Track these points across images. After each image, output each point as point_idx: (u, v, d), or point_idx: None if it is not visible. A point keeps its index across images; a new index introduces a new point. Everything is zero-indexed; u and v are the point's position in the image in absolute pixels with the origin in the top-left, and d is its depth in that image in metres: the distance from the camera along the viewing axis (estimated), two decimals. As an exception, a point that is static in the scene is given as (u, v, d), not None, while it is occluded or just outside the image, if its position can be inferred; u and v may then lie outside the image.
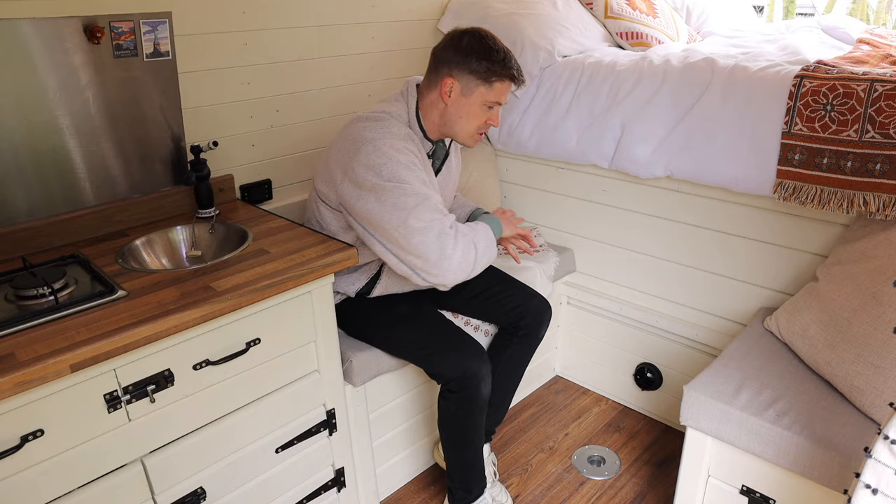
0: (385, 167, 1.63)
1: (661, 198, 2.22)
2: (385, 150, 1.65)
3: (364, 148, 1.66)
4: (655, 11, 2.67)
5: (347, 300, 1.92)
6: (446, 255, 1.59)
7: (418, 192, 1.62)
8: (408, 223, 1.58)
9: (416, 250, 1.59)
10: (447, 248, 1.59)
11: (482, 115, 1.77)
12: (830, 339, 1.66)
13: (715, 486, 1.73)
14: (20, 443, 1.22)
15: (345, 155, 1.70)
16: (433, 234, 1.58)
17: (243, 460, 1.63)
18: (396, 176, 1.62)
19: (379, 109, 1.78)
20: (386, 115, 1.75)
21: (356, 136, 1.70)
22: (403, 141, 1.70)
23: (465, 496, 1.94)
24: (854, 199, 1.70)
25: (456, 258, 1.60)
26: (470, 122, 1.77)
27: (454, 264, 1.61)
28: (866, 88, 1.65)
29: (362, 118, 1.75)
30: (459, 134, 1.80)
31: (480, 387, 1.76)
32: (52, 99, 1.63)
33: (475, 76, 1.71)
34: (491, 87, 1.72)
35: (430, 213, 1.60)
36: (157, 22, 1.73)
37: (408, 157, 1.68)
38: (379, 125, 1.71)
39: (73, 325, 1.31)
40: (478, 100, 1.73)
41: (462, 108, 1.75)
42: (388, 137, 1.68)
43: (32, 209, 1.69)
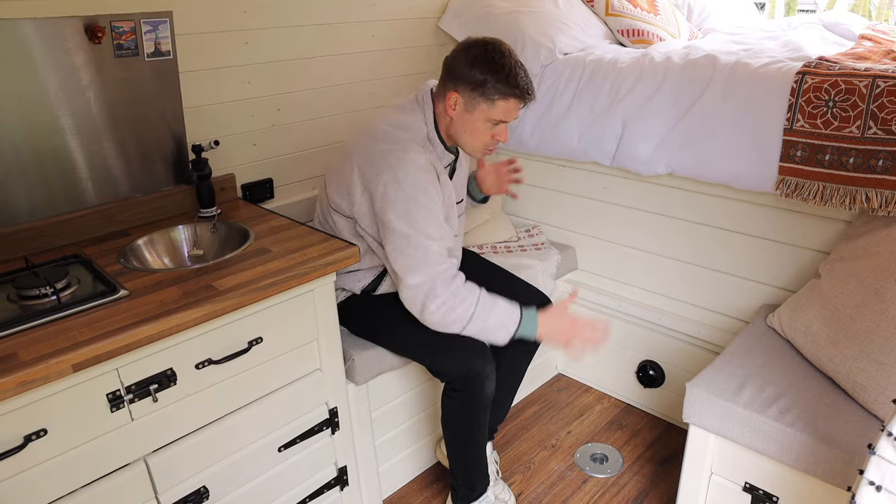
0: (400, 204, 1.63)
1: (663, 195, 2.22)
2: (405, 187, 1.63)
3: (383, 176, 1.64)
4: (657, 8, 2.67)
5: (351, 297, 1.92)
6: (430, 310, 1.66)
7: (422, 244, 1.63)
8: (403, 276, 1.67)
9: (404, 297, 1.70)
10: (432, 303, 1.65)
11: (486, 132, 1.71)
12: (833, 335, 1.65)
13: (718, 483, 1.73)
14: (23, 442, 1.23)
15: (364, 176, 1.69)
16: (424, 289, 1.65)
17: (246, 459, 1.63)
18: (409, 219, 1.63)
19: (397, 124, 1.73)
20: (404, 131, 1.71)
21: (376, 157, 1.67)
22: (424, 171, 1.66)
23: (469, 494, 1.94)
24: (856, 195, 1.70)
25: (439, 313, 1.66)
26: (475, 139, 1.73)
27: (434, 323, 1.68)
28: (868, 84, 1.65)
29: (381, 136, 1.70)
30: (466, 147, 1.77)
31: (484, 385, 1.76)
32: (53, 99, 1.64)
33: (478, 92, 1.64)
34: (493, 105, 1.65)
35: (428, 270, 1.64)
36: (157, 21, 1.73)
37: (427, 197, 1.65)
38: (398, 149, 1.66)
39: (76, 324, 1.32)
40: (480, 116, 1.68)
41: (465, 123, 1.70)
42: (407, 168, 1.64)
43: (34, 209, 1.69)
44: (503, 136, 1.74)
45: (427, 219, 1.65)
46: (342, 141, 2.41)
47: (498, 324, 1.69)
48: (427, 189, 1.66)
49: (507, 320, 1.69)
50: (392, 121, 1.74)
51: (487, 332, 1.70)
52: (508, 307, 1.71)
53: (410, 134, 1.71)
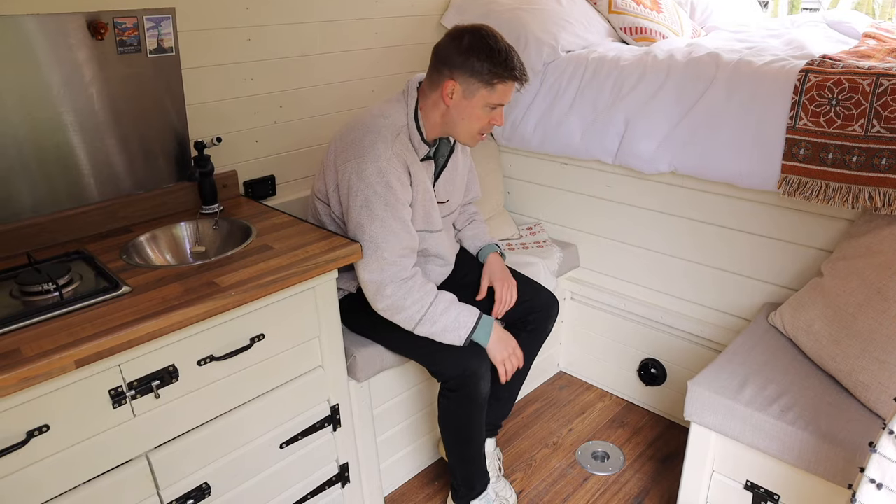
0: (360, 193, 1.67)
1: (666, 193, 2.21)
2: (366, 174, 1.66)
3: (350, 164, 1.69)
4: (659, 6, 2.66)
5: (349, 296, 1.92)
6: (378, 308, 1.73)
7: (374, 240, 1.67)
8: (357, 268, 1.72)
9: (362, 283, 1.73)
10: (379, 303, 1.71)
11: (484, 117, 1.72)
12: (835, 334, 1.65)
13: (719, 481, 1.73)
14: (26, 438, 1.23)
15: (337, 158, 1.74)
16: (372, 288, 1.71)
17: (248, 456, 1.63)
18: (368, 210, 1.67)
19: (378, 112, 1.75)
20: (384, 119, 1.73)
21: (348, 145, 1.71)
22: (388, 162, 1.68)
23: (468, 493, 1.95)
24: (859, 193, 1.69)
25: (387, 312, 1.72)
26: (472, 124, 1.74)
27: (385, 314, 1.73)
28: (872, 83, 1.65)
29: (360, 124, 1.73)
30: (461, 135, 1.78)
31: (479, 385, 1.76)
32: (56, 95, 1.64)
33: (477, 78, 1.66)
34: (493, 90, 1.67)
35: (379, 268, 1.68)
36: (160, 18, 1.73)
37: (385, 187, 1.67)
38: (368, 138, 1.69)
39: (78, 320, 1.32)
40: (480, 102, 1.69)
41: (464, 110, 1.71)
42: (371, 159, 1.66)
43: (37, 205, 1.69)
44: (499, 119, 1.76)
45: (385, 211, 1.67)
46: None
47: (447, 328, 1.72)
48: (389, 182, 1.67)
49: (460, 325, 1.73)
50: (375, 109, 1.77)
51: (437, 335, 1.73)
52: (463, 313, 1.74)
53: (386, 122, 1.72)
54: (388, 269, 1.68)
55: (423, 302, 1.70)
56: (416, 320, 1.71)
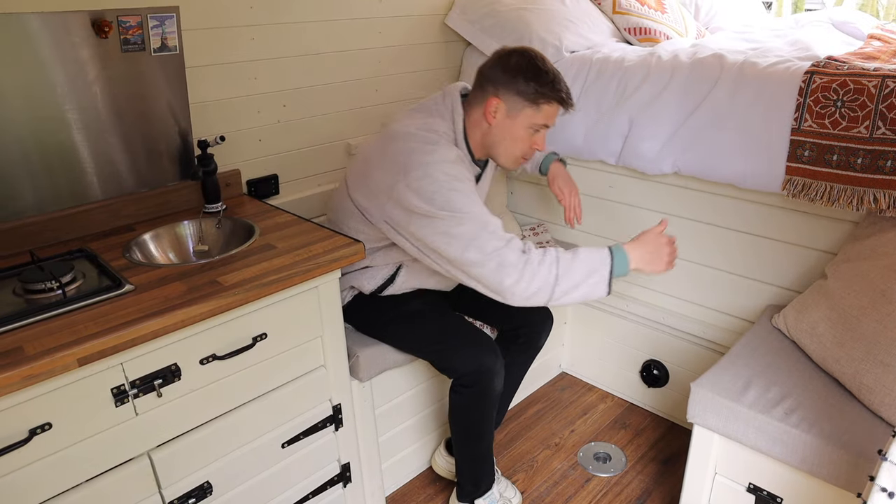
0: (438, 195, 1.54)
1: (669, 194, 2.21)
2: (437, 175, 1.55)
3: (413, 172, 1.56)
4: (664, 7, 2.66)
5: (360, 296, 1.91)
6: (506, 288, 1.52)
7: (476, 218, 1.53)
8: (465, 256, 1.52)
9: (479, 279, 1.55)
10: (505, 281, 1.51)
11: (527, 139, 1.69)
12: (839, 336, 1.65)
13: (721, 483, 1.73)
14: (28, 436, 1.23)
15: (390, 176, 1.60)
16: (492, 266, 1.51)
17: (249, 455, 1.63)
18: (450, 204, 1.53)
19: (426, 127, 1.66)
20: (435, 135, 1.65)
21: (404, 160, 1.59)
22: (455, 164, 1.60)
23: (474, 491, 1.94)
24: (864, 196, 1.69)
25: (519, 291, 1.52)
26: (514, 146, 1.69)
27: (517, 297, 1.53)
28: (877, 84, 1.64)
29: (410, 136, 1.63)
30: (501, 156, 1.72)
31: (494, 381, 1.76)
32: (59, 93, 1.63)
33: (522, 97, 1.63)
34: (539, 110, 1.64)
35: (491, 244, 1.51)
36: (164, 16, 1.73)
37: (461, 182, 1.57)
38: (428, 148, 1.60)
39: (81, 319, 1.32)
40: (524, 122, 1.66)
41: (507, 130, 1.67)
42: (439, 162, 1.57)
43: (40, 203, 1.69)
44: (541, 143, 1.72)
45: (471, 203, 1.55)
46: (349, 137, 2.41)
47: (588, 272, 1.52)
48: (461, 178, 1.59)
49: (597, 265, 1.53)
50: (418, 126, 1.67)
51: (581, 287, 1.52)
52: (591, 252, 1.55)
53: (439, 136, 1.66)
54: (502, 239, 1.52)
55: (549, 259, 1.52)
56: (552, 281, 1.50)
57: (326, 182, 2.39)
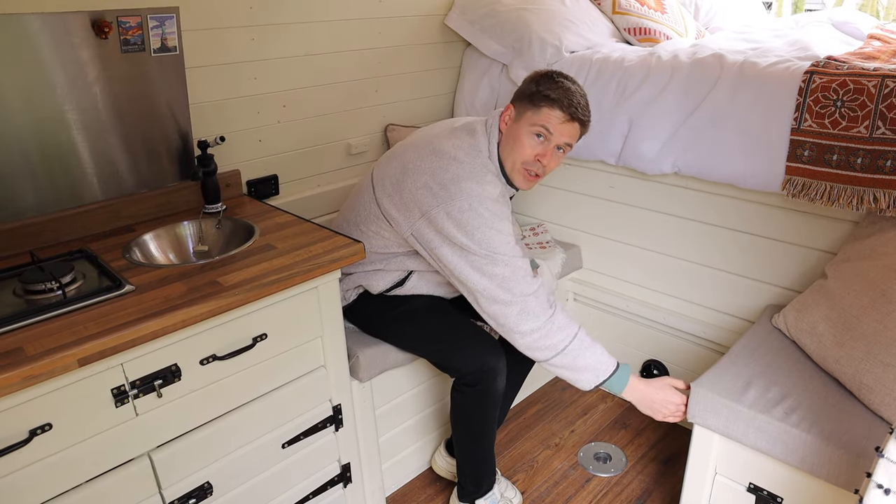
0: (479, 231, 1.57)
1: (669, 194, 2.21)
2: (481, 210, 1.57)
3: (458, 203, 1.58)
4: (664, 7, 2.66)
5: (364, 295, 1.91)
6: (523, 332, 1.59)
7: (510, 262, 1.58)
8: (493, 293, 1.58)
9: (496, 316, 1.62)
10: (524, 326, 1.58)
11: (529, 144, 1.64)
12: (839, 336, 1.65)
13: (722, 483, 1.73)
14: (28, 437, 1.23)
15: (430, 197, 1.61)
16: (516, 310, 1.58)
17: (250, 455, 1.63)
18: (489, 244, 1.57)
19: (473, 152, 1.67)
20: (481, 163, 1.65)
21: (448, 182, 1.60)
22: (498, 202, 1.62)
23: (475, 491, 1.94)
24: (864, 195, 1.69)
25: (531, 341, 1.60)
26: (517, 151, 1.66)
27: (525, 343, 1.61)
28: (877, 84, 1.64)
29: (458, 161, 1.63)
30: (511, 169, 1.70)
31: (497, 380, 1.76)
32: (59, 94, 1.64)
33: (525, 99, 1.65)
34: (538, 111, 1.62)
35: (520, 287, 1.57)
36: (164, 17, 1.73)
37: (502, 222, 1.60)
38: (477, 179, 1.61)
39: (81, 319, 1.32)
40: (525, 124, 1.64)
41: (512, 133, 1.67)
42: (485, 198, 1.59)
43: (40, 204, 1.69)
44: (546, 155, 1.66)
45: (505, 243, 1.60)
46: (349, 138, 2.41)
47: (587, 367, 1.63)
48: (503, 217, 1.62)
49: (599, 367, 1.64)
50: (464, 152, 1.67)
51: (574, 370, 1.64)
52: (604, 354, 1.66)
53: (484, 167, 1.66)
54: (529, 288, 1.59)
55: (569, 331, 1.61)
56: (560, 349, 1.60)
57: (326, 182, 2.40)
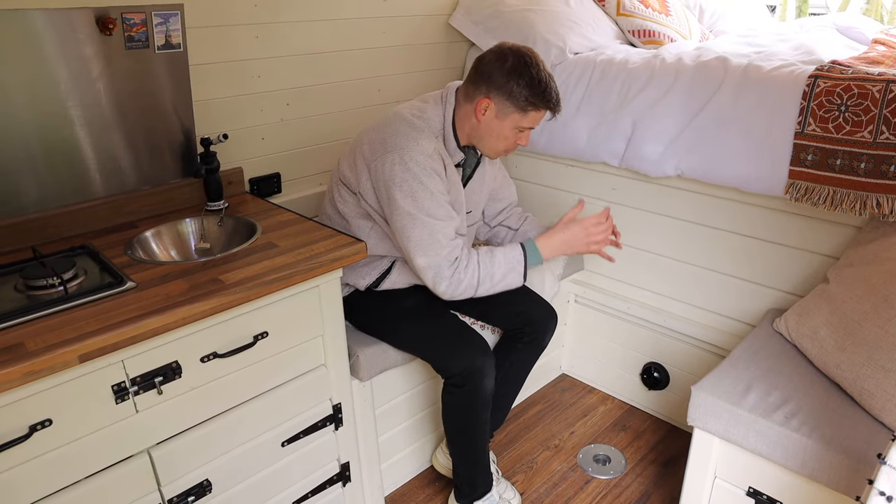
0: (406, 184, 1.66)
1: (672, 197, 2.21)
2: (410, 165, 1.67)
3: (391, 155, 1.68)
4: (668, 9, 2.65)
5: (355, 293, 1.92)
6: (439, 290, 1.72)
7: (428, 225, 1.67)
8: (412, 254, 1.70)
9: (420, 275, 1.74)
10: (440, 285, 1.70)
11: (511, 138, 1.76)
12: (841, 341, 1.65)
13: (721, 487, 1.73)
14: (28, 432, 1.23)
15: (372, 151, 1.72)
16: (431, 272, 1.70)
17: (249, 453, 1.63)
18: (414, 199, 1.66)
19: (418, 112, 1.77)
20: (422, 120, 1.75)
21: (387, 136, 1.70)
22: (430, 158, 1.70)
23: (471, 492, 1.94)
24: (867, 200, 1.68)
25: (448, 292, 1.72)
26: (498, 143, 1.78)
27: (447, 297, 1.74)
28: (882, 89, 1.64)
29: (400, 117, 1.75)
30: (485, 149, 1.82)
31: (484, 382, 1.76)
32: (63, 90, 1.64)
33: (512, 102, 1.68)
34: (526, 115, 1.71)
35: (434, 251, 1.68)
36: (169, 14, 1.73)
37: (432, 179, 1.69)
38: (412, 133, 1.70)
39: (82, 315, 1.32)
40: (510, 124, 1.73)
41: (493, 129, 1.74)
42: (416, 152, 1.68)
43: (43, 199, 1.69)
44: (526, 140, 1.79)
45: (431, 201, 1.68)
46: (350, 137, 2.41)
47: (505, 272, 1.75)
48: (432, 174, 1.70)
49: (513, 264, 1.76)
50: (412, 108, 1.79)
51: (499, 284, 1.76)
52: (508, 252, 1.77)
53: (425, 123, 1.75)
54: (443, 251, 1.69)
55: (472, 266, 1.72)
56: (475, 284, 1.73)
57: (328, 181, 2.39)
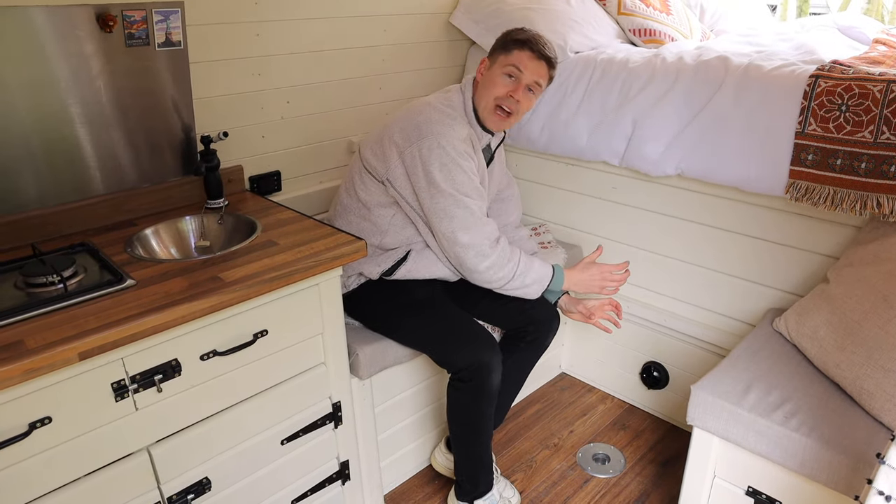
0: (445, 168, 1.72)
1: (672, 196, 2.20)
2: (448, 150, 1.73)
3: (427, 140, 1.73)
4: (669, 9, 2.65)
5: (366, 284, 1.91)
6: (481, 267, 1.77)
7: (469, 205, 1.74)
8: (455, 234, 1.74)
9: (454, 258, 1.79)
10: (483, 262, 1.76)
11: (502, 83, 1.79)
12: (840, 341, 1.65)
13: (720, 486, 1.73)
14: (28, 430, 1.23)
15: (405, 138, 1.76)
16: (473, 251, 1.75)
17: (249, 451, 1.63)
18: (453, 180, 1.73)
19: (445, 101, 1.84)
20: (451, 108, 1.83)
21: (421, 123, 1.76)
22: (464, 143, 1.77)
23: (472, 490, 1.94)
24: (867, 200, 1.68)
25: (487, 277, 1.79)
26: (490, 90, 1.80)
27: (482, 279, 1.80)
28: (882, 89, 1.64)
29: (431, 106, 1.81)
30: (483, 110, 1.83)
31: (491, 377, 1.76)
32: (63, 87, 1.63)
33: (498, 48, 1.81)
34: (509, 53, 1.78)
35: (477, 228, 1.75)
36: (169, 11, 1.73)
37: (468, 162, 1.76)
38: (446, 119, 1.78)
39: (82, 313, 1.32)
40: (498, 68, 1.79)
41: (487, 79, 1.82)
42: (452, 136, 1.75)
43: (43, 197, 1.69)
44: (517, 91, 1.79)
45: (468, 181, 1.75)
46: (352, 135, 2.41)
47: (533, 282, 1.84)
48: (467, 157, 1.77)
49: (542, 279, 1.85)
50: (439, 99, 1.86)
51: (524, 288, 1.84)
52: (542, 266, 1.86)
53: (455, 111, 1.83)
54: (483, 229, 1.76)
55: (515, 260, 1.80)
56: (510, 277, 1.80)
57: (329, 179, 2.39)
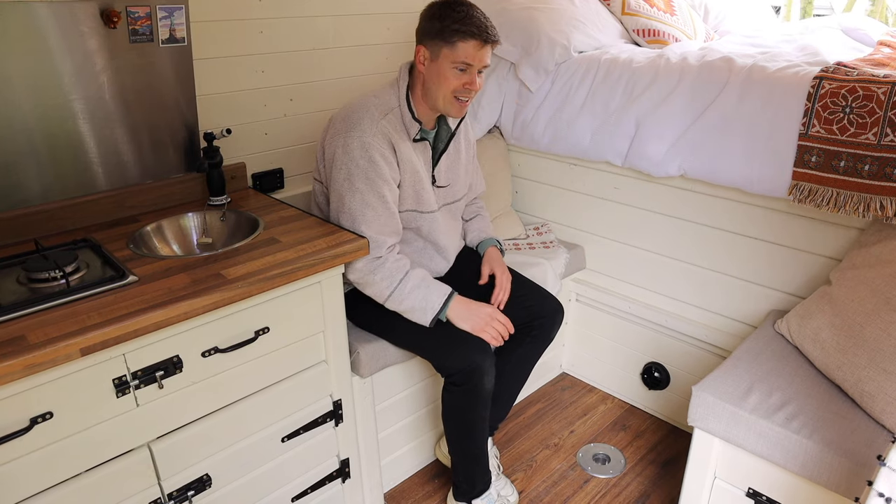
0: (344, 167, 1.71)
1: (675, 197, 2.20)
2: (351, 148, 1.70)
3: (337, 139, 1.73)
4: (673, 9, 2.65)
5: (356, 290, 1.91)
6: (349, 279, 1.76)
7: (352, 209, 1.72)
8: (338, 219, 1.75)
9: None
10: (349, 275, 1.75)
11: (454, 78, 1.70)
12: (842, 343, 1.64)
13: (721, 487, 1.72)
14: (29, 425, 1.23)
15: (326, 135, 1.79)
16: None
17: (249, 448, 1.63)
18: (349, 180, 1.71)
19: (371, 93, 1.80)
20: (374, 99, 1.76)
21: (337, 122, 1.75)
22: (373, 137, 1.70)
23: (470, 490, 1.95)
24: (871, 202, 1.68)
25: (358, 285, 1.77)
26: (444, 86, 1.72)
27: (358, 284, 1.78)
28: (887, 91, 1.63)
29: (353, 104, 1.78)
30: (440, 102, 1.75)
31: (483, 380, 1.76)
32: (66, 83, 1.64)
33: (438, 38, 1.68)
34: (454, 47, 1.67)
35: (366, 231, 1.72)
36: (173, 8, 1.73)
37: (368, 163, 1.70)
38: (356, 115, 1.73)
39: (84, 309, 1.32)
40: (445, 62, 1.69)
41: (434, 73, 1.72)
42: (358, 133, 1.70)
43: (45, 192, 1.69)
44: (473, 82, 1.72)
45: (365, 188, 1.71)
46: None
47: (414, 307, 1.76)
48: (372, 157, 1.70)
49: (427, 307, 1.76)
50: (370, 91, 1.82)
51: (406, 313, 1.78)
52: (432, 294, 1.76)
53: (376, 101, 1.76)
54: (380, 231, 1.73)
55: (393, 279, 1.73)
56: (384, 296, 1.75)
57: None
